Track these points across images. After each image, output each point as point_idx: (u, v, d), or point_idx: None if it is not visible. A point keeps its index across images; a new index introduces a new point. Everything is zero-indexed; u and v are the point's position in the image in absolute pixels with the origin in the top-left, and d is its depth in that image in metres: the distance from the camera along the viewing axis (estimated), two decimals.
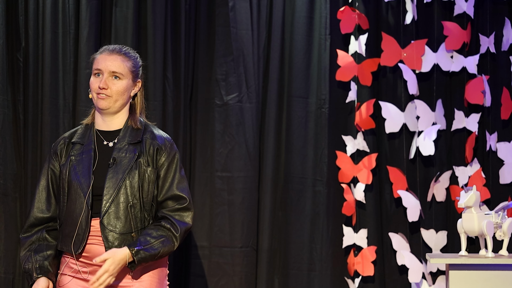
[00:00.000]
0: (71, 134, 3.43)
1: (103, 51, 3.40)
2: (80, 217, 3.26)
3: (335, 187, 4.49)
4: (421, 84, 4.51)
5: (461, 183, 4.45)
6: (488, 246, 3.64)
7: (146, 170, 3.33)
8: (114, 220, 3.27)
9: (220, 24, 4.46)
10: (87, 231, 3.26)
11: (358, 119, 4.46)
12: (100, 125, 3.40)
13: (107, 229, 3.26)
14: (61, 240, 3.33)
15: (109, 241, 3.26)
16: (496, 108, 4.48)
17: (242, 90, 4.45)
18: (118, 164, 3.31)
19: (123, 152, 3.33)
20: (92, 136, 3.37)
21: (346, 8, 4.46)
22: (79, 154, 3.34)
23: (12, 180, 4.35)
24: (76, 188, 3.29)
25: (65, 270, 3.33)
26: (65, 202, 3.31)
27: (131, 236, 3.28)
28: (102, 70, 3.35)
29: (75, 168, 3.31)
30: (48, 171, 3.38)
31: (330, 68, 4.49)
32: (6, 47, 4.36)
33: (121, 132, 3.37)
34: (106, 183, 3.28)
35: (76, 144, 3.36)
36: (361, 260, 4.44)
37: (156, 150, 3.36)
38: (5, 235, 4.33)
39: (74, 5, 4.37)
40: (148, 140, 3.37)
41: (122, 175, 3.29)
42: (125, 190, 3.28)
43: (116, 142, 3.35)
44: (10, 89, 4.37)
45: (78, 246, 3.26)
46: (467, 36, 4.47)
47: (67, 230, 3.30)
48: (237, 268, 4.42)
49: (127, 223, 3.28)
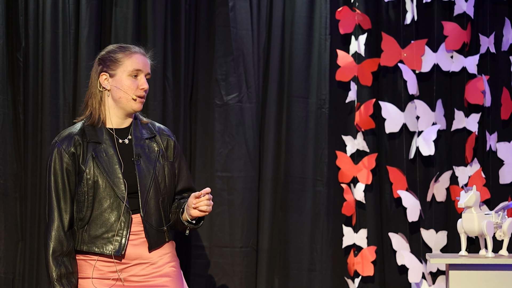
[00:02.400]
0: (80, 132, 3.33)
1: (133, 50, 3.36)
2: (115, 217, 3.23)
3: (335, 187, 4.49)
4: (421, 84, 4.51)
5: (461, 183, 4.45)
6: (488, 246, 3.64)
7: (167, 164, 3.35)
8: (151, 216, 3.27)
9: (220, 24, 4.46)
10: (127, 231, 3.24)
11: (358, 119, 4.46)
12: (113, 123, 3.36)
13: (148, 224, 3.25)
14: (88, 242, 3.25)
15: (150, 237, 3.26)
16: (496, 108, 4.48)
17: (242, 90, 4.45)
18: (144, 160, 3.30)
19: (144, 147, 3.32)
20: (106, 134, 3.32)
21: (344, 8, 4.46)
22: (101, 153, 3.28)
23: (12, 180, 4.35)
24: (105, 188, 3.24)
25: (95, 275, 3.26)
26: (91, 202, 3.25)
27: (163, 230, 3.31)
28: (143, 71, 3.34)
29: (100, 168, 3.26)
30: (64, 171, 3.28)
31: (330, 68, 4.49)
32: (6, 47, 4.36)
33: (131, 128, 3.36)
34: (139, 181, 3.26)
35: (92, 143, 3.31)
36: (361, 260, 4.44)
37: (169, 143, 3.40)
38: (5, 235, 4.33)
39: (74, 5, 4.37)
40: (163, 135, 3.40)
41: (151, 170, 3.29)
42: (155, 185, 3.28)
43: (131, 138, 3.34)
44: (10, 89, 4.37)
45: (119, 247, 3.22)
46: (467, 36, 4.48)
47: (98, 231, 3.24)
48: (237, 268, 4.42)
49: (160, 218, 3.30)
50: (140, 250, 3.26)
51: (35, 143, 4.35)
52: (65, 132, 3.34)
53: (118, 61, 3.33)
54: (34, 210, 4.33)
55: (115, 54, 3.34)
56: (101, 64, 3.35)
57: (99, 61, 3.37)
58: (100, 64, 3.36)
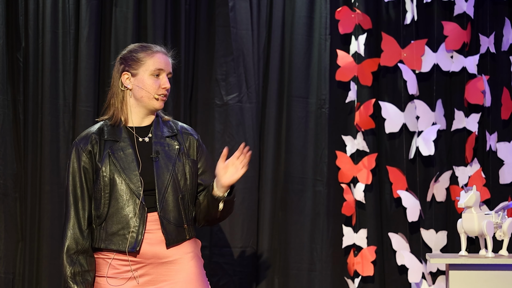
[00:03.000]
0: (99, 130, 3.36)
1: (154, 50, 3.38)
2: (131, 214, 3.24)
3: (335, 187, 4.49)
4: (421, 84, 4.51)
5: (461, 183, 4.45)
6: (488, 246, 3.64)
7: (188, 162, 3.36)
8: (169, 213, 3.27)
9: (220, 24, 4.46)
10: (143, 228, 3.24)
11: (358, 119, 4.46)
12: (133, 122, 3.37)
13: (165, 221, 3.26)
14: (105, 239, 3.27)
15: (168, 233, 3.26)
16: (496, 108, 4.48)
17: (242, 90, 4.45)
18: (162, 157, 3.31)
19: (163, 145, 3.33)
20: (125, 133, 3.34)
21: (343, 8, 4.46)
22: (118, 151, 3.30)
23: (12, 180, 4.35)
24: (121, 185, 3.26)
25: (110, 273, 3.28)
26: (108, 199, 3.27)
27: (183, 228, 3.31)
28: (165, 70, 3.36)
29: (117, 166, 3.27)
30: (81, 170, 3.31)
31: (330, 68, 4.49)
32: (6, 47, 4.36)
33: (152, 127, 3.37)
34: (156, 177, 3.27)
35: (109, 141, 3.33)
36: (361, 260, 4.44)
37: (191, 141, 3.41)
38: (5, 235, 4.33)
39: (74, 5, 4.37)
40: (185, 133, 3.42)
41: (169, 168, 3.30)
42: (173, 182, 3.29)
43: (152, 136, 3.35)
44: (10, 89, 4.37)
45: (134, 244, 3.23)
46: (467, 36, 4.48)
47: (114, 228, 3.26)
48: (237, 268, 4.42)
49: (180, 215, 3.30)
50: (156, 249, 3.26)
51: (35, 143, 4.35)
52: (84, 132, 3.40)
53: (140, 60, 3.35)
54: (34, 210, 4.33)
55: (137, 54, 3.37)
56: (123, 64, 3.38)
57: (120, 61, 3.40)
58: (122, 64, 3.39)
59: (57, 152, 4.34)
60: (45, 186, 4.32)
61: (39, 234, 4.31)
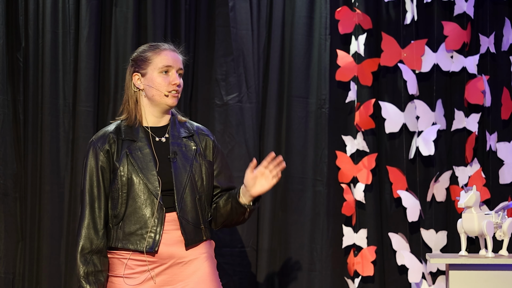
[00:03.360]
0: (116, 130, 3.37)
1: (162, 47, 3.39)
2: (149, 214, 3.24)
3: (335, 187, 4.49)
4: (421, 84, 4.51)
5: (461, 183, 4.45)
6: (488, 246, 3.64)
7: (204, 163, 3.37)
8: (187, 214, 3.28)
9: (220, 24, 4.46)
10: (161, 227, 3.25)
11: (358, 119, 4.46)
12: (149, 122, 3.38)
13: (184, 220, 3.26)
14: (123, 238, 3.27)
15: (187, 233, 3.27)
16: (496, 108, 4.48)
17: (242, 90, 4.45)
18: (179, 158, 3.31)
19: (181, 146, 3.34)
20: (142, 133, 3.35)
21: (343, 8, 4.46)
22: (136, 151, 3.31)
23: (12, 180, 4.35)
24: (139, 185, 3.26)
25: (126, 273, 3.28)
26: (125, 199, 3.27)
27: (200, 228, 3.32)
28: (173, 67, 3.36)
29: (134, 165, 3.28)
30: (98, 169, 3.31)
31: (330, 68, 4.49)
32: (6, 47, 4.36)
33: (169, 127, 3.38)
34: (174, 178, 3.28)
35: (127, 141, 3.33)
36: (361, 260, 4.44)
37: (207, 142, 3.42)
38: (5, 235, 4.33)
39: (74, 5, 4.37)
40: (201, 134, 3.42)
41: (187, 168, 3.31)
42: (191, 183, 3.30)
43: (169, 137, 3.36)
44: (10, 89, 4.37)
45: (152, 243, 3.23)
46: (467, 36, 4.48)
47: (132, 227, 3.26)
48: (237, 268, 4.42)
49: (197, 216, 3.31)
50: (173, 249, 3.26)
51: (35, 143, 4.35)
52: (101, 131, 3.40)
53: (148, 59, 3.37)
54: (34, 210, 4.33)
55: (144, 53, 3.39)
56: (133, 65, 3.40)
57: (131, 62, 3.42)
58: (132, 66, 3.41)
59: (57, 152, 4.34)
60: (45, 186, 4.32)
61: (39, 234, 4.31)
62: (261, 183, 3.31)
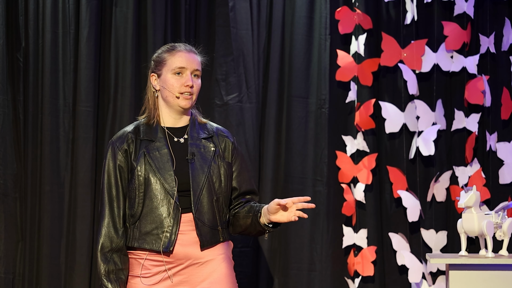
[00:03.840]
0: (135, 130, 3.38)
1: (177, 49, 3.39)
2: (165, 214, 3.25)
3: (335, 187, 4.49)
4: (421, 84, 4.51)
5: (461, 183, 4.45)
6: (488, 246, 3.64)
7: (223, 165, 3.36)
8: (203, 215, 3.27)
9: (220, 24, 4.46)
10: (176, 228, 3.25)
11: (358, 119, 4.46)
12: (168, 122, 3.39)
13: (200, 222, 3.26)
14: (139, 238, 3.28)
15: (203, 235, 3.27)
16: (496, 108, 4.48)
17: (242, 90, 4.45)
18: (198, 159, 3.31)
19: (199, 147, 3.34)
20: (160, 133, 3.35)
21: (343, 8, 4.46)
22: (153, 151, 3.31)
23: (12, 180, 4.35)
24: (156, 185, 3.27)
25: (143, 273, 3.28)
26: (142, 199, 3.28)
27: (217, 230, 3.31)
28: (186, 68, 3.35)
29: (152, 165, 3.28)
30: (116, 169, 3.32)
31: (330, 68, 4.49)
32: (6, 47, 4.36)
33: (188, 128, 3.38)
34: (191, 179, 3.28)
35: (145, 141, 3.34)
36: (361, 260, 4.44)
37: (227, 144, 3.42)
38: (5, 235, 4.33)
39: (74, 5, 4.37)
40: (220, 135, 3.42)
41: (204, 170, 3.30)
42: (208, 184, 3.29)
43: (188, 138, 3.35)
44: (10, 89, 4.37)
45: (167, 243, 3.24)
46: (467, 36, 4.47)
47: (148, 227, 3.26)
48: (237, 268, 4.41)
49: (214, 217, 3.30)
50: (189, 250, 3.26)
51: (35, 143, 4.35)
52: (120, 131, 3.41)
53: (163, 60, 3.38)
54: (34, 210, 4.33)
55: (161, 55, 3.40)
56: (152, 66, 3.42)
57: (151, 63, 3.44)
58: (151, 66, 3.43)
59: (57, 152, 4.34)
60: (45, 186, 4.32)
61: (39, 234, 4.31)
62: (282, 214, 3.31)
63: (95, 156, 4.37)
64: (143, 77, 4.42)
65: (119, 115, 4.38)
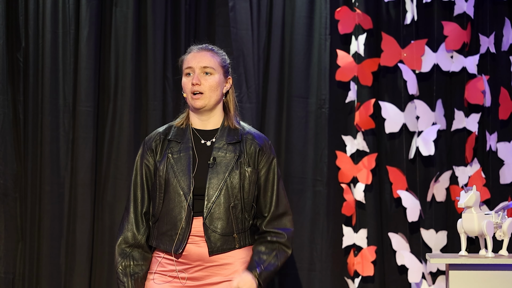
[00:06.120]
0: (166, 130, 3.41)
1: (190, 50, 3.42)
2: (179, 216, 3.26)
3: (335, 187, 4.49)
4: (421, 84, 4.51)
5: (461, 183, 4.45)
6: (488, 246, 3.64)
7: (246, 171, 3.33)
8: (216, 221, 3.26)
9: (220, 24, 4.46)
10: (188, 231, 3.25)
11: (358, 119, 4.46)
12: (197, 124, 3.40)
13: (210, 229, 3.25)
14: (157, 237, 3.32)
15: (212, 241, 3.26)
16: (496, 108, 4.48)
17: (242, 90, 4.45)
18: (219, 164, 3.30)
19: (223, 151, 3.32)
20: (189, 135, 3.36)
21: (343, 8, 4.46)
22: (177, 152, 3.32)
23: (12, 180, 4.35)
24: (175, 187, 3.27)
25: (158, 270, 3.32)
26: (162, 199, 3.30)
27: (233, 237, 3.29)
28: (193, 67, 3.37)
29: (173, 166, 3.29)
30: (143, 167, 3.36)
31: (330, 68, 4.49)
32: (6, 47, 4.36)
33: (219, 131, 3.38)
34: (208, 184, 3.27)
35: (172, 142, 3.35)
36: (361, 260, 4.44)
37: (256, 150, 3.38)
38: (5, 235, 4.33)
39: (74, 5, 4.37)
40: (249, 140, 3.38)
41: (224, 175, 3.28)
42: (226, 191, 3.28)
43: (214, 141, 3.35)
44: (10, 89, 4.37)
45: (178, 245, 3.25)
46: (467, 36, 4.47)
47: (164, 228, 3.28)
48: None
49: (229, 224, 3.28)
50: (202, 252, 3.27)
51: (35, 143, 4.35)
52: (154, 131, 3.46)
53: (180, 64, 3.45)
54: (34, 210, 4.33)
55: (180, 59, 3.47)
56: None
57: None
58: None
59: (57, 152, 4.34)
60: (45, 186, 4.32)
61: (39, 234, 4.31)
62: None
63: (95, 156, 4.37)
64: (143, 77, 4.42)
65: (119, 115, 4.38)
